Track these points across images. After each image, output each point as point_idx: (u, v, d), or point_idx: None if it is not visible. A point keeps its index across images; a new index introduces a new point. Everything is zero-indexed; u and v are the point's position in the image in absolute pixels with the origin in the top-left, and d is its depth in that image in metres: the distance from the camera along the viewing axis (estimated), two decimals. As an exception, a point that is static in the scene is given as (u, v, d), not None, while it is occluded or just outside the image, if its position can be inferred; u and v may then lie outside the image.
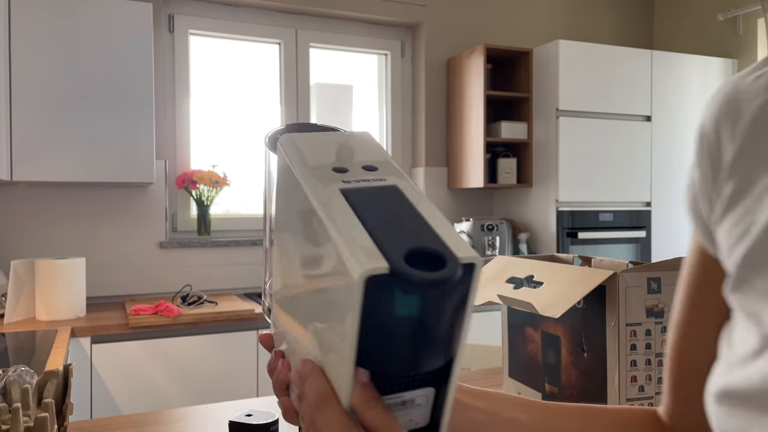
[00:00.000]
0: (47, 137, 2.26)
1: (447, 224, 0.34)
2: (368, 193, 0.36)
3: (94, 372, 2.12)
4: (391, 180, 0.38)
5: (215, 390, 2.28)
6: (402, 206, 0.35)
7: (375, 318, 0.32)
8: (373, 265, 0.30)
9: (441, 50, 3.28)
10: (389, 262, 0.30)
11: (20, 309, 2.24)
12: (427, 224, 0.34)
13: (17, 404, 0.69)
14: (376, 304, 0.31)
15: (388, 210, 0.35)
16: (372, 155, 0.41)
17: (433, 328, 0.33)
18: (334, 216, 0.34)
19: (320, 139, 0.43)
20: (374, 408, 0.35)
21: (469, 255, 0.32)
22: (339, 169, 0.39)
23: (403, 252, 0.31)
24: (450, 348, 0.35)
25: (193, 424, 1.04)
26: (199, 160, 2.91)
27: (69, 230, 2.59)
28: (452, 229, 0.34)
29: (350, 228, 0.33)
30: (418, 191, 0.37)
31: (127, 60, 2.38)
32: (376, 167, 0.40)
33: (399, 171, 0.40)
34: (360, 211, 0.34)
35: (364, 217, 0.34)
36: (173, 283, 2.75)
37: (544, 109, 3.02)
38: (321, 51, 3.17)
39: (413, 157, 3.36)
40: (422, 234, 0.33)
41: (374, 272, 0.30)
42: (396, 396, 0.38)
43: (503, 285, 1.02)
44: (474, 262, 0.32)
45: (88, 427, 1.02)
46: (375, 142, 0.43)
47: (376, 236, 0.32)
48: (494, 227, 3.03)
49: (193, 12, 2.87)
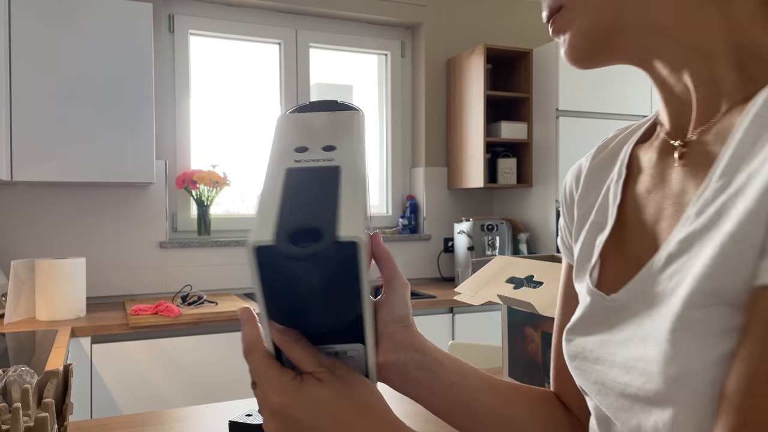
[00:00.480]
0: (47, 137, 2.26)
1: (356, 207, 0.39)
2: (307, 173, 0.42)
3: (94, 372, 2.12)
4: (338, 161, 0.43)
5: (215, 390, 2.28)
6: (327, 186, 0.40)
7: (273, 280, 0.39)
8: (262, 237, 0.37)
9: (441, 50, 3.28)
10: (276, 236, 0.37)
11: (20, 309, 2.24)
12: (336, 205, 0.39)
13: (17, 404, 0.69)
14: (270, 269, 0.38)
15: (313, 189, 0.40)
16: (340, 136, 0.46)
17: (320, 292, 0.39)
18: (267, 192, 0.41)
19: (303, 120, 0.48)
20: (294, 346, 0.44)
21: (349, 235, 0.37)
22: (300, 149, 0.45)
23: (294, 228, 0.38)
24: (346, 310, 0.41)
25: (193, 424, 1.04)
26: (199, 160, 2.91)
27: (69, 230, 2.59)
28: (357, 212, 0.39)
29: (269, 204, 0.40)
30: (360, 174, 0.42)
31: (127, 60, 2.38)
32: (334, 147, 0.44)
33: (357, 152, 0.44)
34: (288, 189, 0.41)
35: (288, 194, 0.40)
36: (173, 283, 2.75)
37: (544, 109, 3.02)
38: (321, 51, 3.17)
39: (413, 157, 3.36)
40: (322, 213, 0.38)
41: (261, 244, 0.37)
42: (329, 347, 0.46)
43: (503, 285, 1.02)
44: (355, 241, 0.37)
45: (88, 427, 1.02)
46: (354, 123, 0.47)
47: (283, 213, 0.39)
48: (494, 227, 3.03)
49: (193, 12, 2.87)
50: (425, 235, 3.24)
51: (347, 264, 0.38)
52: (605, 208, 0.55)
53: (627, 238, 0.52)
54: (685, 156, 0.48)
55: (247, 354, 0.46)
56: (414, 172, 3.34)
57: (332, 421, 0.44)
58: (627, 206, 0.53)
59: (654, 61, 0.49)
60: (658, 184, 0.51)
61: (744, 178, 0.40)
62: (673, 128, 0.51)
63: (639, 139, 0.56)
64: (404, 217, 3.26)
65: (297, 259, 0.37)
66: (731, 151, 0.42)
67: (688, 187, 0.47)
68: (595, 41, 0.48)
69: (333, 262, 0.38)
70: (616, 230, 0.53)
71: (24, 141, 2.23)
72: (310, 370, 0.45)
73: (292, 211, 0.39)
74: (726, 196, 0.41)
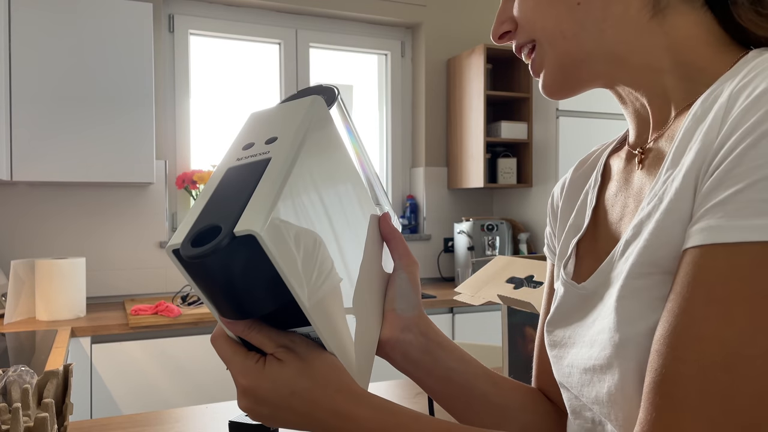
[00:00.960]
0: (47, 137, 2.26)
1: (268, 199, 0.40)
2: (239, 170, 0.44)
3: (94, 372, 2.12)
4: (272, 153, 0.45)
5: (215, 390, 2.28)
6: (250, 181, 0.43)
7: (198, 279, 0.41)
8: (175, 240, 0.40)
9: (441, 50, 3.28)
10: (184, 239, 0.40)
11: (20, 309, 2.24)
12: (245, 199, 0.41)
13: (17, 404, 0.69)
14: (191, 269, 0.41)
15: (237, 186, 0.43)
16: (285, 126, 0.47)
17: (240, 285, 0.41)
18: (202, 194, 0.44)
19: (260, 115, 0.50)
20: (249, 333, 0.47)
21: (245, 229, 0.38)
22: (247, 146, 0.47)
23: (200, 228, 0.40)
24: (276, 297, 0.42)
25: (193, 424, 1.04)
26: (199, 160, 2.91)
27: (69, 230, 2.59)
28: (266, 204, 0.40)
29: (197, 206, 0.43)
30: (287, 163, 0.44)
31: (127, 60, 2.38)
32: (276, 138, 0.46)
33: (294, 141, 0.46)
34: (218, 189, 0.43)
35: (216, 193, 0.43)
36: (173, 283, 2.75)
37: (544, 109, 3.02)
38: (321, 51, 3.17)
39: (413, 157, 3.36)
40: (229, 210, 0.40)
41: (172, 247, 0.40)
42: (293, 330, 0.48)
43: (503, 285, 1.02)
44: (251, 233, 0.38)
45: (88, 427, 1.02)
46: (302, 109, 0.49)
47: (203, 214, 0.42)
48: (494, 227, 3.03)
49: (193, 12, 2.87)
50: (425, 235, 3.24)
51: (254, 255, 0.39)
52: (583, 212, 0.62)
53: (598, 236, 0.58)
54: (643, 161, 0.55)
55: (214, 341, 0.50)
56: (414, 172, 3.34)
57: (295, 398, 0.47)
58: (600, 209, 0.60)
59: (617, 86, 0.56)
60: (623, 187, 0.57)
61: (680, 167, 0.46)
62: (636, 139, 0.58)
63: (611, 151, 0.63)
64: (404, 217, 3.26)
65: (197, 258, 0.38)
66: (675, 148, 0.47)
67: (645, 185, 0.53)
68: (566, 73, 0.55)
69: (237, 256, 0.39)
70: (590, 230, 0.60)
71: (24, 141, 2.23)
72: (271, 352, 0.47)
73: (209, 212, 0.41)
74: (667, 184, 0.46)
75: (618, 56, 0.53)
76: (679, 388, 0.38)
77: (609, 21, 0.51)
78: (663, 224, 0.44)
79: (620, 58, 0.53)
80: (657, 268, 0.44)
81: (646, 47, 0.52)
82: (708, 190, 0.41)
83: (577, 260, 0.60)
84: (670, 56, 0.52)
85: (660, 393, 0.40)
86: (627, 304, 0.46)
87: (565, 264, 0.60)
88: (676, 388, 0.38)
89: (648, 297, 0.45)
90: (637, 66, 0.53)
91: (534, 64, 0.57)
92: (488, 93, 3.01)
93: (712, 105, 0.45)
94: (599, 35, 0.52)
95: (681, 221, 0.43)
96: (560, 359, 0.56)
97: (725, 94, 0.44)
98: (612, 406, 0.48)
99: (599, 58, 0.53)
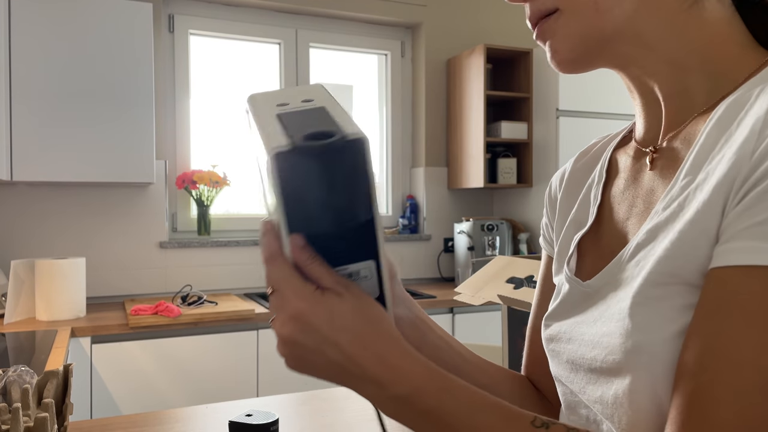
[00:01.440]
0: (47, 137, 2.26)
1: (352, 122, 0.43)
2: (296, 113, 0.46)
3: (94, 372, 2.12)
4: (321, 105, 0.46)
5: (215, 390, 2.28)
6: (319, 115, 0.45)
7: (292, 186, 0.42)
8: (279, 143, 0.41)
9: (441, 50, 3.28)
10: (291, 141, 0.41)
11: (20, 309, 2.24)
12: (334, 120, 0.43)
13: (17, 404, 0.69)
14: (289, 174, 0.41)
15: (306, 119, 0.44)
16: (315, 94, 0.49)
17: (336, 189, 0.42)
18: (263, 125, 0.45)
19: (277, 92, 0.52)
20: (312, 264, 0.45)
21: (356, 132, 0.41)
22: (282, 104, 0.48)
23: (304, 135, 0.41)
24: (360, 210, 0.44)
25: (193, 424, 1.04)
26: (199, 160, 2.91)
27: (69, 230, 2.59)
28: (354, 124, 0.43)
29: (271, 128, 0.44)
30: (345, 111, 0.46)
31: (127, 60, 2.38)
32: (312, 99, 0.48)
33: (334, 100, 0.48)
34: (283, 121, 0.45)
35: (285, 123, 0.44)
36: (173, 283, 2.75)
37: (544, 109, 3.02)
38: (321, 51, 3.17)
39: (413, 157, 3.36)
40: (324, 124, 0.43)
41: (279, 149, 0.41)
42: (343, 268, 0.47)
43: (503, 285, 1.02)
44: (360, 137, 0.41)
45: (88, 427, 1.02)
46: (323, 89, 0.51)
47: (288, 130, 0.43)
48: (494, 227, 3.03)
49: (193, 12, 2.87)
50: (425, 235, 3.24)
51: (357, 159, 0.42)
52: (585, 207, 0.61)
53: (603, 234, 0.57)
54: (655, 160, 0.54)
55: (269, 261, 0.46)
56: (414, 172, 3.34)
57: (346, 335, 0.44)
58: (604, 205, 0.59)
59: (632, 72, 0.53)
60: (631, 185, 0.56)
61: (704, 176, 0.44)
62: (645, 135, 0.56)
63: (617, 145, 0.62)
64: (404, 217, 3.25)
65: (314, 154, 0.40)
66: (695, 154, 0.46)
67: (657, 186, 0.52)
68: (586, 47, 0.51)
69: (345, 157, 0.41)
70: (594, 227, 0.59)
71: (24, 141, 2.23)
72: (329, 286, 0.45)
73: (296, 128, 0.43)
74: (688, 192, 0.45)
75: (646, 41, 0.50)
76: (714, 411, 0.38)
77: (648, 1, 0.49)
78: (686, 236, 0.43)
79: (647, 43, 0.50)
80: (676, 278, 0.44)
81: (677, 38, 0.49)
82: (743, 208, 0.40)
83: (579, 257, 0.59)
84: (698, 52, 0.49)
85: (693, 416, 0.39)
86: (642, 311, 0.45)
87: (568, 260, 0.59)
88: (711, 411, 0.38)
89: (664, 307, 0.44)
90: (662, 56, 0.50)
91: (544, 31, 0.52)
92: (488, 93, 3.01)
93: (739, 112, 0.44)
94: (633, 14, 0.49)
95: (706, 235, 0.42)
96: (558, 354, 0.56)
97: (762, 105, 0.42)
98: (617, 409, 0.47)
99: (625, 39, 0.50)
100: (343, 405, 1.14)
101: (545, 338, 0.59)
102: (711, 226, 0.42)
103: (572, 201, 0.64)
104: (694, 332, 0.41)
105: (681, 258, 0.43)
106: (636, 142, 0.57)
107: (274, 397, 1.18)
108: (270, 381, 2.37)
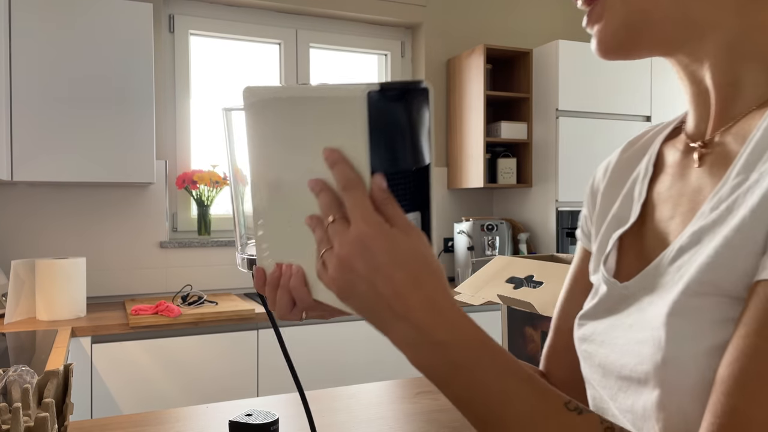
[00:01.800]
0: (47, 137, 2.26)
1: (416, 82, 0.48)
2: None
3: (94, 372, 2.12)
4: None
5: (215, 390, 2.28)
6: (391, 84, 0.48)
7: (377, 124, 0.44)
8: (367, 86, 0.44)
9: (441, 50, 3.28)
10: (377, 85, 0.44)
11: (20, 309, 2.24)
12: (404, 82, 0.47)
13: (17, 404, 0.69)
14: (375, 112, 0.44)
15: None
16: None
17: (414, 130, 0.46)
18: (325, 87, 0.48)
19: None
20: (388, 203, 0.44)
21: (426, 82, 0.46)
22: None
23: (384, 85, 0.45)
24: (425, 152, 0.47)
25: (193, 424, 1.04)
26: (199, 160, 2.91)
27: (69, 230, 2.60)
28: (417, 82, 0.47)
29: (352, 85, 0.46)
30: None
31: (127, 60, 2.38)
32: None
33: None
34: None
35: None
36: (173, 283, 2.75)
37: (544, 109, 3.02)
38: (321, 51, 3.17)
39: (413, 157, 3.36)
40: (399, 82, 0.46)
41: (370, 89, 0.44)
42: None
43: (503, 285, 1.02)
44: (428, 87, 0.45)
45: (88, 427, 1.02)
46: None
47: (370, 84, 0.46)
48: (494, 227, 3.03)
49: (194, 12, 2.87)
50: (425, 235, 3.24)
51: (429, 105, 0.46)
52: (629, 203, 0.57)
53: (644, 233, 0.54)
54: (704, 156, 0.50)
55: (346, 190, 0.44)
56: (414, 172, 3.34)
57: (402, 270, 0.43)
58: (648, 203, 0.55)
59: (681, 58, 0.49)
60: (677, 182, 0.52)
61: (756, 177, 0.41)
62: (695, 129, 0.52)
63: (666, 138, 0.58)
64: (404, 217, 3.26)
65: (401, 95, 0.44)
66: (749, 151, 0.43)
67: (705, 185, 0.48)
68: (631, 32, 0.48)
69: (422, 100, 0.46)
70: (636, 225, 0.55)
71: (24, 141, 2.23)
72: (400, 224, 0.44)
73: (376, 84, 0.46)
74: (738, 193, 0.42)
75: (698, 27, 0.46)
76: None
77: None
78: (730, 242, 0.40)
79: (700, 29, 0.46)
80: (716, 289, 0.41)
81: (734, 25, 0.45)
82: None
83: (619, 255, 0.56)
84: (757, 41, 0.45)
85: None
86: (678, 322, 0.43)
87: (606, 259, 0.56)
88: None
89: (702, 319, 0.42)
90: (716, 43, 0.46)
91: (593, 13, 0.50)
92: (488, 93, 3.01)
93: None
94: None
95: (753, 243, 0.39)
96: (591, 356, 0.54)
97: None
98: (646, 421, 0.46)
99: (674, 24, 0.46)
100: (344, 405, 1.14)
101: (578, 338, 0.57)
102: (759, 235, 0.39)
103: (615, 195, 0.60)
104: (735, 347, 0.39)
105: (724, 268, 0.40)
106: (686, 135, 0.54)
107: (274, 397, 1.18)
108: (270, 381, 2.37)
